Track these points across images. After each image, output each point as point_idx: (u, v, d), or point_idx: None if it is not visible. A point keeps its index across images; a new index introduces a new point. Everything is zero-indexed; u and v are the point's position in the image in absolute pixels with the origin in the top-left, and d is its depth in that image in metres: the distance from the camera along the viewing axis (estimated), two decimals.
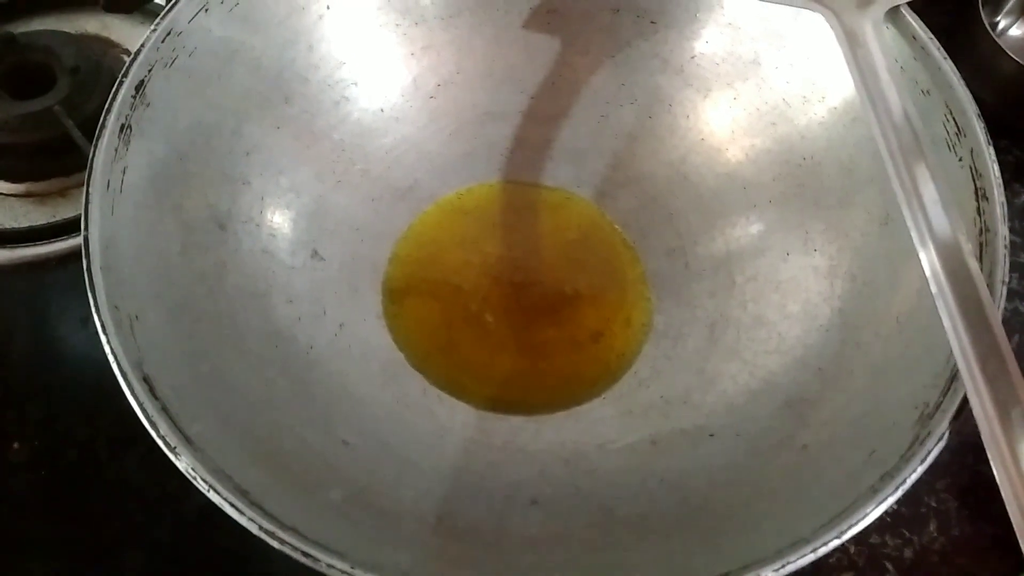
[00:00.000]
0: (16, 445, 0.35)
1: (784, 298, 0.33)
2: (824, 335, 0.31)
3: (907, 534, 0.35)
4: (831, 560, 0.35)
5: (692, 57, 0.37)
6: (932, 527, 0.35)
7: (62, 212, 0.40)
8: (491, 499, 0.29)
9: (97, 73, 0.42)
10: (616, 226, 0.38)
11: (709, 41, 0.36)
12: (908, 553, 0.35)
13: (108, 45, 0.45)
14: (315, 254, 0.34)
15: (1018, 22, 0.48)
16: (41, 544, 0.33)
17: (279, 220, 0.34)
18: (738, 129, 0.36)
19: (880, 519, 0.35)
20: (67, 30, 0.45)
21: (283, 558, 0.33)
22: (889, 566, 0.35)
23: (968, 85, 0.30)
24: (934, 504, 0.36)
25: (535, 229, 0.38)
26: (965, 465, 0.36)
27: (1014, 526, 0.21)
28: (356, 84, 0.36)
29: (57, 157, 0.40)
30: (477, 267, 0.37)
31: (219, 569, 0.33)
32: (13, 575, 0.33)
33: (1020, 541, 0.21)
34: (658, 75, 0.37)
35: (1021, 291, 0.42)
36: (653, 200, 0.37)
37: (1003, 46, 0.42)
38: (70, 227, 0.39)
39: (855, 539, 0.35)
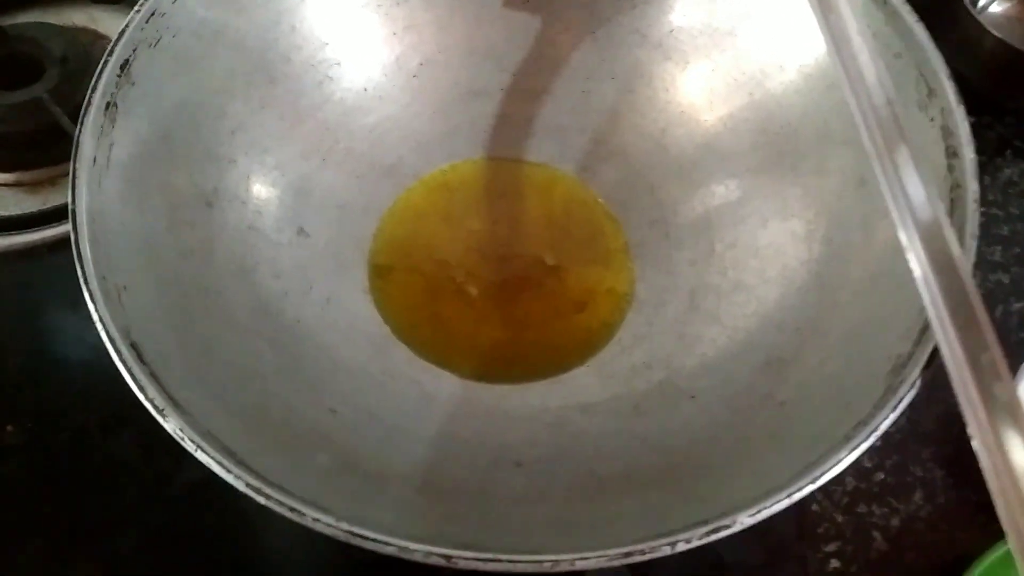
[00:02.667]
0: (10, 428, 0.35)
1: (763, 263, 0.34)
2: (802, 297, 0.32)
3: (894, 503, 0.36)
4: (819, 530, 0.35)
5: (670, 31, 0.37)
6: (918, 496, 0.36)
7: (52, 200, 0.41)
8: (476, 462, 0.30)
9: (85, 63, 0.42)
10: (599, 199, 0.38)
11: (686, 14, 0.37)
12: (895, 521, 0.35)
13: (95, 36, 0.46)
14: (301, 231, 0.35)
15: None
16: (35, 525, 0.34)
17: (265, 197, 0.34)
18: (716, 100, 0.37)
19: (867, 489, 0.36)
20: (55, 22, 0.45)
21: (273, 534, 0.34)
22: (876, 534, 0.35)
23: (950, 63, 0.30)
24: (920, 473, 0.36)
25: (519, 204, 0.38)
26: (950, 435, 0.37)
27: (980, 465, 0.21)
28: (339, 64, 0.37)
29: (46, 146, 0.41)
30: (462, 241, 0.37)
31: (211, 547, 0.34)
32: (8, 556, 0.33)
33: (986, 477, 0.21)
34: (637, 49, 0.38)
35: (1003, 263, 0.42)
36: (635, 172, 0.38)
37: (984, 23, 0.42)
38: (60, 215, 0.40)
39: (842, 509, 0.35)
